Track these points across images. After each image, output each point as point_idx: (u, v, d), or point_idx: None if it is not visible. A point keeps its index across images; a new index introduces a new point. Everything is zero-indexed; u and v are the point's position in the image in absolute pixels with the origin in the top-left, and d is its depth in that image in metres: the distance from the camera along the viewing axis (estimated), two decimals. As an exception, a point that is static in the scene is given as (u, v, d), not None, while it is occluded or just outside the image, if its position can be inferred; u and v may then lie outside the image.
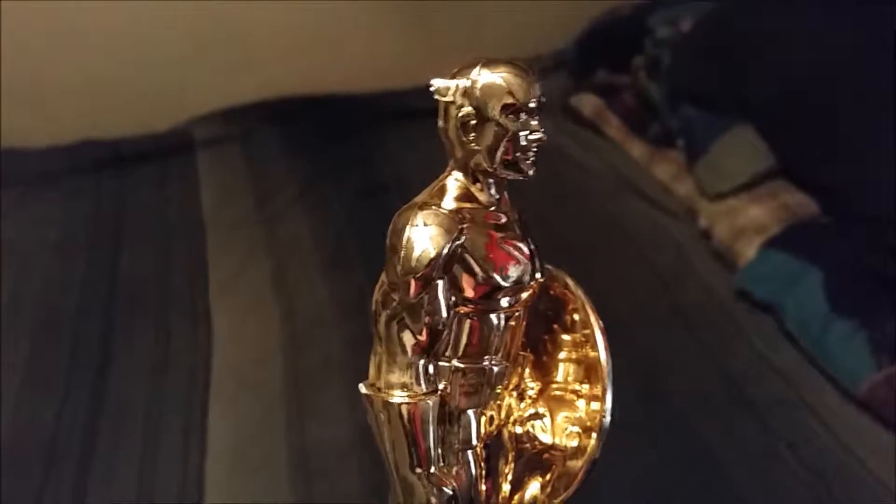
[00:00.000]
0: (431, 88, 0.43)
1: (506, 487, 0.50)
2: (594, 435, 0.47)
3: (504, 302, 0.44)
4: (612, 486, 0.74)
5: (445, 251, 0.42)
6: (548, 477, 0.49)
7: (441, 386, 0.44)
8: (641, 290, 1.04)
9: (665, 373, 0.90)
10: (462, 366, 0.45)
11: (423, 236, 0.41)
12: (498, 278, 0.43)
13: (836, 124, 1.09)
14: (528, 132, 0.43)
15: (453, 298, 0.43)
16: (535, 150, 0.43)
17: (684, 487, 0.75)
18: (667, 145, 1.28)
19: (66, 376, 0.93)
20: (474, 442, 0.46)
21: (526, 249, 0.45)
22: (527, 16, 1.63)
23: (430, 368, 0.44)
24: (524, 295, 0.46)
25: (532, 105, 0.43)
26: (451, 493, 0.45)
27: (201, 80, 1.54)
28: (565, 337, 0.50)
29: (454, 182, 0.44)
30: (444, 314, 0.43)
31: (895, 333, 0.85)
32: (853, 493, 0.74)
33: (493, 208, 0.45)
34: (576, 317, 0.49)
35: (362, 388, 0.45)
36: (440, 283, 0.42)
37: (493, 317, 0.45)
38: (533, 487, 0.49)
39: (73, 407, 0.89)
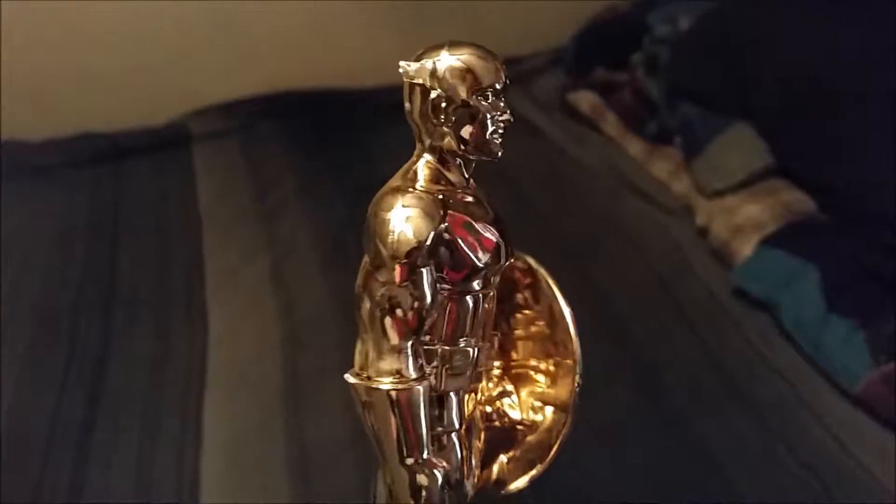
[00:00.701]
0: (399, 70, 0.44)
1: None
2: (565, 414, 0.48)
3: (477, 284, 0.45)
4: (610, 482, 0.74)
5: (432, 235, 0.42)
6: (516, 452, 0.50)
7: (427, 371, 0.45)
8: (639, 287, 1.04)
9: (662, 369, 0.90)
10: (448, 349, 0.45)
11: (408, 221, 0.42)
12: (476, 260, 0.44)
13: (834, 123, 1.08)
14: (496, 113, 0.43)
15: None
16: (502, 131, 0.44)
17: (681, 484, 0.75)
18: (664, 143, 1.28)
19: (65, 369, 0.93)
20: (457, 424, 0.47)
21: (497, 231, 0.45)
22: (526, 13, 1.63)
23: (419, 354, 0.44)
24: (496, 276, 0.46)
25: (499, 86, 0.43)
26: (442, 476, 0.46)
27: (200, 74, 1.54)
28: (519, 315, 0.51)
29: (425, 165, 0.45)
30: (430, 298, 0.43)
31: (893, 332, 0.85)
32: (850, 491, 0.74)
33: (463, 189, 0.45)
34: (527, 294, 0.50)
35: (349, 378, 0.45)
36: (426, 268, 0.43)
37: (468, 299, 0.45)
38: (501, 461, 0.51)
39: (70, 400, 0.88)
